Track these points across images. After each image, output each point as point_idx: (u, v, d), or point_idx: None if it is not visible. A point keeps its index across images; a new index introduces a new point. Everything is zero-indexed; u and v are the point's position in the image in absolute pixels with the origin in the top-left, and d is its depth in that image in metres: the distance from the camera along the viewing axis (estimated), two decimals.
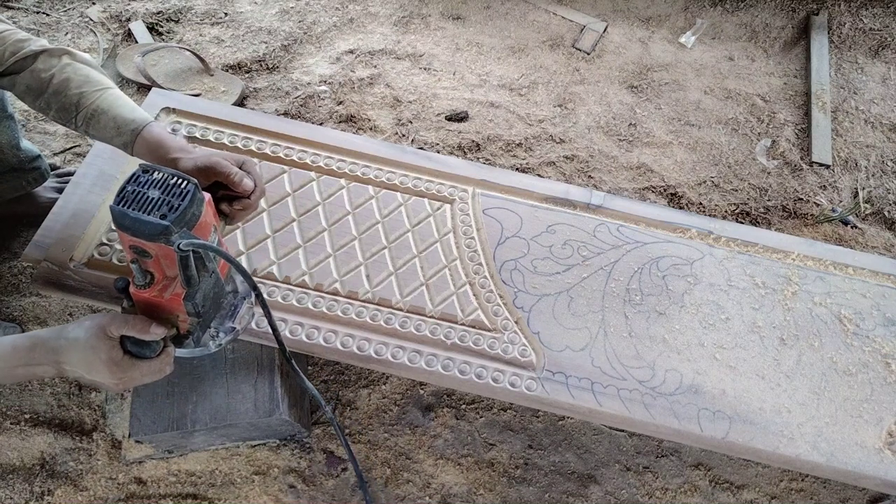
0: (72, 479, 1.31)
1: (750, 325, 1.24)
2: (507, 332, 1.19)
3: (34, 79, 1.07)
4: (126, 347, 0.89)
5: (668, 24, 2.22)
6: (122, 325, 0.86)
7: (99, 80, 1.10)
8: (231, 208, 1.05)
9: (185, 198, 0.80)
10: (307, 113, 1.87)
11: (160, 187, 0.80)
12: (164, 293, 0.86)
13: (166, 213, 0.78)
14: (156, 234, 0.78)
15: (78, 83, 1.07)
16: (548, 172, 1.82)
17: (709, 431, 1.13)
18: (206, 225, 0.86)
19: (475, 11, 2.20)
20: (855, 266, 1.34)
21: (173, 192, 0.80)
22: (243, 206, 1.05)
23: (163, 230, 0.78)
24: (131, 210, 0.78)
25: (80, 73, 1.09)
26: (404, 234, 1.28)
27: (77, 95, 1.06)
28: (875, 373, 1.22)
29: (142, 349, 0.89)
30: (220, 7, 2.11)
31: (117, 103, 1.08)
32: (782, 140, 1.95)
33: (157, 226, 0.77)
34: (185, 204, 0.79)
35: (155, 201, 0.79)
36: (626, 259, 1.30)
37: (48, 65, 1.08)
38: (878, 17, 2.24)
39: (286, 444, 1.37)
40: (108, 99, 1.07)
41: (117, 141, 1.07)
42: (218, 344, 0.99)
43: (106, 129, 1.07)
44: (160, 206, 0.79)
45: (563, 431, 1.43)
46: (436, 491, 1.36)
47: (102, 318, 0.88)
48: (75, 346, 0.88)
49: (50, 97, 1.08)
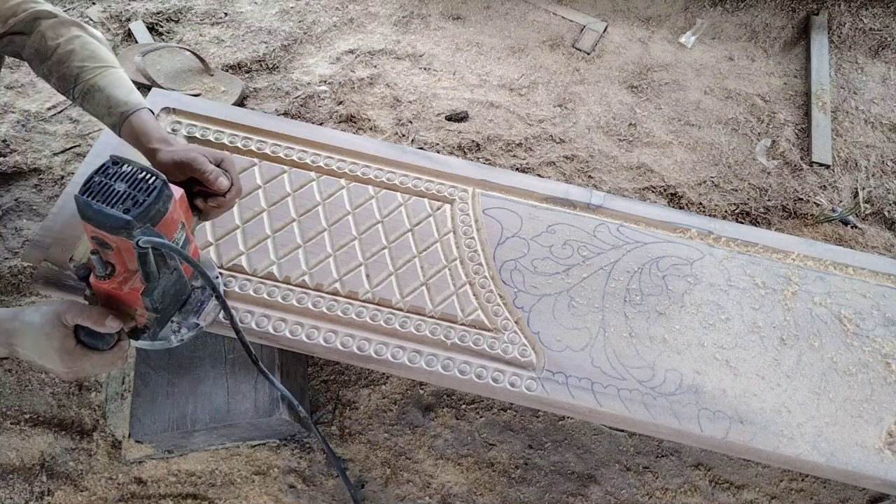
0: (72, 480, 1.31)
1: (750, 325, 1.24)
2: (507, 332, 1.19)
3: (42, 44, 1.08)
4: (80, 337, 0.88)
5: (668, 24, 2.22)
6: (78, 315, 0.86)
7: (104, 57, 1.10)
8: (205, 205, 1.03)
9: (151, 194, 0.79)
10: (307, 113, 1.87)
11: (127, 181, 0.80)
12: (123, 286, 0.85)
13: (130, 208, 0.78)
14: (117, 227, 0.77)
15: (82, 57, 1.08)
16: (548, 172, 1.82)
17: (709, 431, 1.13)
18: (173, 222, 0.85)
19: (475, 11, 2.20)
20: (855, 266, 1.34)
21: (140, 187, 0.80)
22: (218, 203, 1.03)
23: (124, 224, 0.77)
24: (95, 201, 0.78)
25: (87, 47, 1.09)
26: (404, 234, 1.28)
27: (78, 69, 1.07)
28: (875, 373, 1.22)
29: (95, 340, 0.88)
30: (220, 7, 2.11)
31: (115, 83, 1.08)
32: (782, 140, 1.95)
33: (118, 219, 0.77)
34: (150, 200, 0.79)
35: (120, 194, 0.78)
36: (626, 259, 1.30)
37: (57, 33, 1.08)
38: (878, 17, 2.24)
39: (286, 444, 1.37)
40: (107, 77, 1.08)
41: (107, 120, 1.08)
42: (180, 339, 0.99)
43: (99, 106, 1.07)
44: (125, 200, 0.78)
45: (563, 431, 1.43)
46: (436, 491, 1.36)
47: (60, 306, 0.87)
48: (29, 330, 0.87)
49: (52, 65, 1.09)
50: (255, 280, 1.19)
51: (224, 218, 1.25)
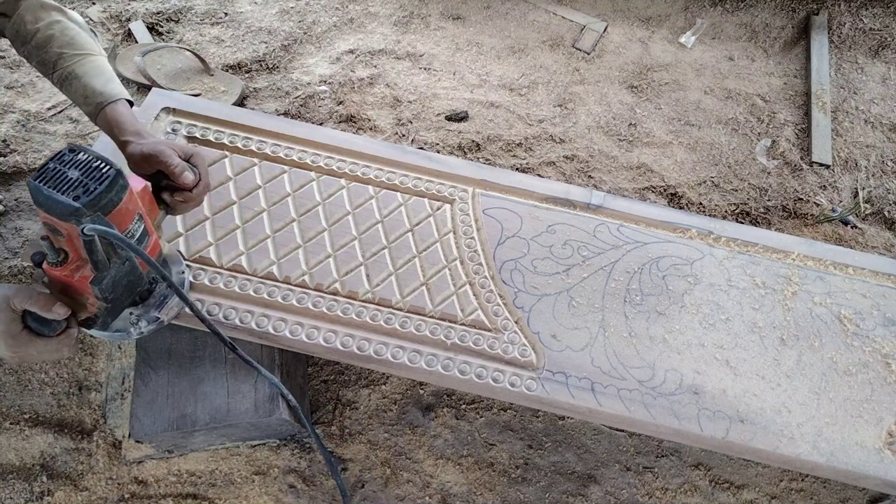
0: (72, 480, 1.31)
1: (750, 325, 1.24)
2: (507, 332, 1.19)
3: (22, 27, 1.08)
4: (27, 322, 0.87)
5: (668, 24, 2.22)
6: (26, 300, 0.85)
7: (83, 44, 1.10)
8: (172, 199, 1.03)
9: (103, 182, 0.79)
10: (307, 113, 1.87)
11: (81, 168, 0.80)
12: (75, 274, 0.85)
13: (80, 195, 0.78)
14: (66, 214, 0.78)
15: (61, 43, 1.07)
16: (548, 172, 1.82)
17: (709, 431, 1.13)
18: (128, 212, 0.85)
19: (475, 11, 2.20)
20: (855, 266, 1.34)
21: (93, 176, 0.80)
22: (184, 198, 1.03)
23: (73, 211, 0.77)
24: (46, 187, 0.78)
25: (66, 33, 1.09)
26: (404, 234, 1.28)
27: (57, 55, 1.07)
28: (875, 373, 1.22)
29: (42, 326, 0.88)
30: (220, 7, 2.11)
31: (93, 72, 1.08)
32: (782, 140, 1.95)
33: (67, 206, 0.77)
34: (101, 189, 0.79)
35: (72, 182, 0.79)
36: (627, 259, 1.30)
37: (36, 16, 1.08)
38: (878, 17, 2.24)
39: (286, 444, 1.37)
40: (85, 65, 1.08)
41: (84, 109, 1.08)
42: (139, 332, 0.99)
43: (76, 94, 1.07)
44: (76, 188, 0.78)
45: (563, 431, 1.43)
46: (436, 491, 1.36)
47: (8, 290, 0.87)
48: None
49: (32, 49, 1.08)
50: (255, 280, 1.19)
51: (224, 218, 1.25)
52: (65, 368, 1.42)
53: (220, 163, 1.32)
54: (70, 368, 1.42)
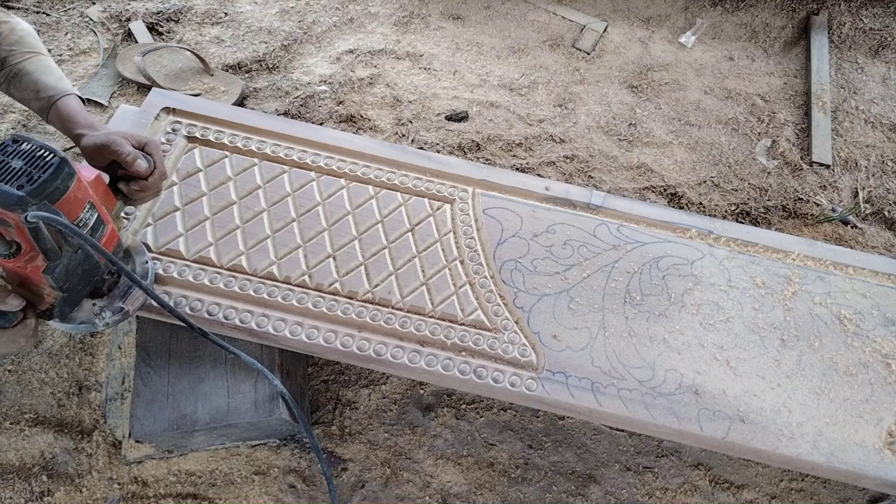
0: (72, 480, 1.31)
1: (750, 325, 1.24)
2: (507, 332, 1.19)
3: None
4: None
5: (668, 24, 2.22)
6: None
7: (32, 44, 1.10)
8: (128, 188, 1.03)
9: (47, 170, 0.80)
10: (307, 113, 1.87)
11: (25, 158, 0.80)
12: (28, 265, 0.86)
13: (24, 184, 0.78)
14: (10, 203, 0.78)
15: (10, 41, 1.08)
16: (548, 172, 1.82)
17: (709, 431, 1.13)
18: (77, 200, 0.85)
19: (475, 11, 2.20)
20: (855, 266, 1.34)
21: (37, 164, 0.80)
22: (140, 186, 1.03)
23: (17, 200, 0.77)
24: None
25: (15, 32, 1.10)
26: (404, 234, 1.28)
27: (6, 52, 1.07)
28: (875, 373, 1.22)
29: None
30: (220, 7, 2.11)
31: (44, 69, 1.08)
32: (782, 140, 1.95)
33: (11, 195, 0.77)
34: (46, 177, 0.79)
35: (16, 171, 0.79)
36: (627, 259, 1.30)
37: None
38: (878, 17, 2.24)
39: (286, 444, 1.37)
40: (35, 63, 1.08)
41: (34, 105, 1.08)
42: (105, 323, 0.99)
43: (26, 90, 1.08)
44: (19, 177, 0.79)
45: (563, 431, 1.43)
46: (436, 491, 1.36)
47: None
48: None
49: None
50: (255, 280, 1.19)
51: (224, 217, 1.25)
52: (65, 368, 1.42)
53: (221, 163, 1.32)
54: (70, 368, 1.42)
